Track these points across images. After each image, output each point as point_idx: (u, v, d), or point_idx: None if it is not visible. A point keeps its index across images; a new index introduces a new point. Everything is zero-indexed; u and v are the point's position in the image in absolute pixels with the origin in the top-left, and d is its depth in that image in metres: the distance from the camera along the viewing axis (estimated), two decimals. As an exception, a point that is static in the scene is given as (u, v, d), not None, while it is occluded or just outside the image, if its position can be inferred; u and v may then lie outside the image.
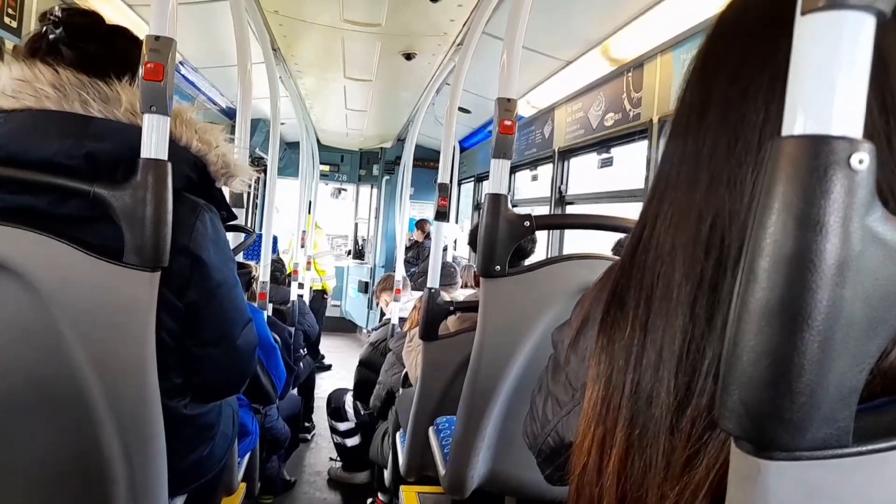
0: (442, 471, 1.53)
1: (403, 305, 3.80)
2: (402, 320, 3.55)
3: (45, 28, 1.03)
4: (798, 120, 0.35)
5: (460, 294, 3.11)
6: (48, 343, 0.92)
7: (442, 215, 2.12)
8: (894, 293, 0.36)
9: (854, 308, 0.35)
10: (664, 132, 2.52)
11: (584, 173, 3.70)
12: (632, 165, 2.98)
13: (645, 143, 2.66)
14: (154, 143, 0.92)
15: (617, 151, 3.14)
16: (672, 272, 0.49)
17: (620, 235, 2.34)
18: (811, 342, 0.35)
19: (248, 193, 6.39)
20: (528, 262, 2.11)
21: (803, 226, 0.35)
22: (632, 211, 2.84)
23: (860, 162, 0.34)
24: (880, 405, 0.41)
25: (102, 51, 1.04)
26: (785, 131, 0.36)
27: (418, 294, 3.41)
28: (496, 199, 1.29)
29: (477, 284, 2.50)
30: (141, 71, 0.93)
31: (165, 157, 0.94)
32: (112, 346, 0.94)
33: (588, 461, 0.52)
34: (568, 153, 3.73)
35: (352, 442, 3.55)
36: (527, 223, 1.30)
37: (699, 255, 0.47)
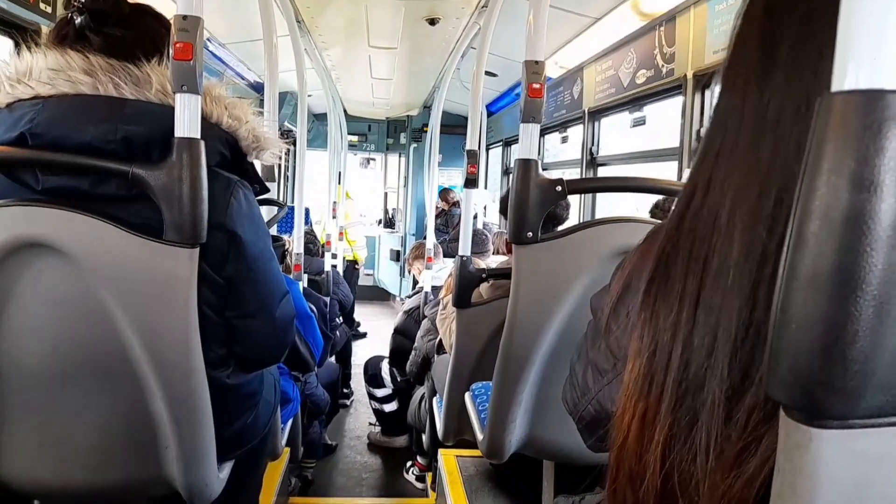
0: (480, 436, 1.56)
1: (436, 274, 3.81)
2: (434, 288, 3.57)
3: (70, 15, 1.04)
4: (849, 73, 0.34)
5: (493, 261, 3.11)
6: (97, 319, 0.96)
7: (471, 182, 2.10)
8: (954, 256, 0.34)
9: (911, 272, 0.33)
10: (702, 87, 2.44)
11: (616, 134, 3.62)
12: (666, 123, 2.89)
13: (679, 99, 2.58)
14: (187, 121, 0.94)
15: (650, 110, 3.06)
16: (729, 247, 0.45)
17: (658, 197, 2.29)
18: (865, 308, 0.33)
19: (280, 166, 6.45)
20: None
21: (856, 187, 0.33)
22: (667, 171, 2.77)
23: (918, 116, 0.32)
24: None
25: (128, 33, 1.05)
26: (835, 86, 0.34)
27: (450, 261, 3.42)
28: (526, 164, 1.27)
29: (509, 251, 2.49)
30: (170, 51, 0.93)
31: (199, 136, 0.95)
32: (157, 321, 0.98)
33: (628, 436, 0.50)
34: (598, 113, 3.64)
35: (389, 408, 3.62)
36: (558, 188, 1.28)
37: (760, 233, 0.43)
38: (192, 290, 0.97)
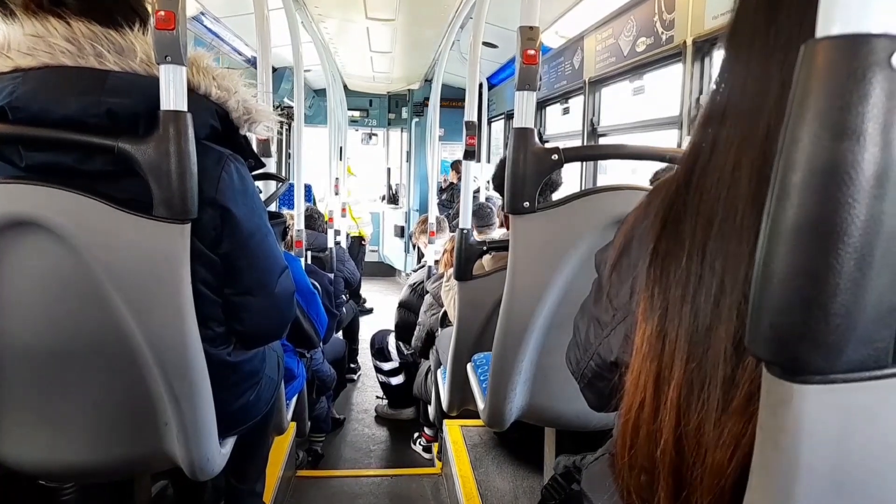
0: (481, 405, 1.57)
1: (439, 248, 3.81)
2: (437, 262, 3.57)
3: None
4: (833, 19, 0.32)
5: (498, 234, 3.10)
6: (90, 296, 0.96)
7: (470, 154, 2.08)
8: (941, 204, 0.33)
9: (894, 222, 0.32)
10: (702, 54, 2.40)
11: (618, 103, 3.57)
12: (666, 92, 2.85)
13: (679, 66, 2.54)
14: (172, 94, 0.92)
15: (650, 78, 3.01)
16: (736, 195, 0.46)
17: (659, 166, 2.27)
18: (847, 260, 0.33)
19: (279, 142, 6.42)
20: (556, 195, 2.07)
21: (839, 135, 0.32)
22: (668, 139, 2.74)
23: (904, 61, 0.31)
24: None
25: None
26: (819, 32, 0.33)
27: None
28: (522, 133, 1.25)
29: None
30: (152, 21, 0.91)
31: (185, 108, 0.93)
32: (150, 297, 0.97)
33: (644, 397, 0.51)
34: (599, 83, 3.59)
35: (396, 381, 3.66)
36: (555, 156, 1.26)
37: (767, 174, 0.44)
38: (184, 267, 0.96)
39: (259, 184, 2.11)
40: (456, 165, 6.52)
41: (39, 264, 0.96)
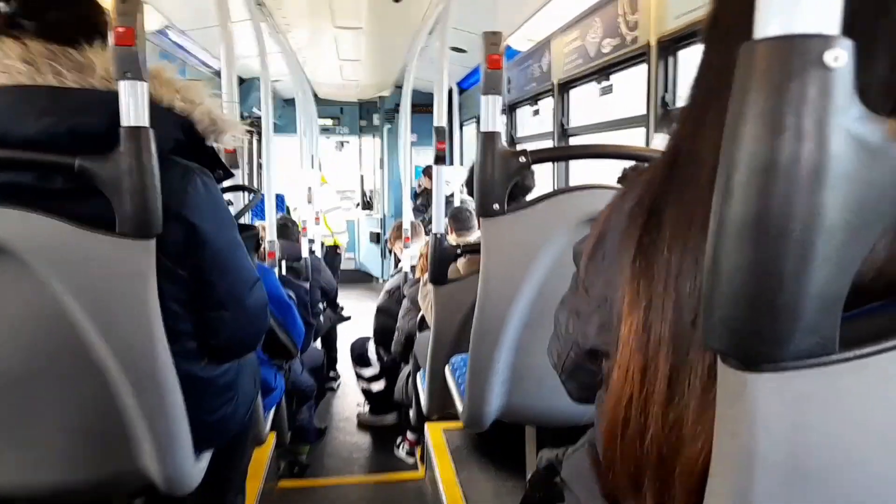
0: (460, 407, 1.57)
1: (415, 252, 3.81)
2: (413, 268, 3.57)
3: None
4: (768, 21, 0.34)
5: (477, 237, 3.11)
6: (56, 317, 0.94)
7: (440, 159, 2.09)
8: (876, 197, 0.35)
9: (834, 215, 0.34)
10: (666, 54, 2.44)
11: (587, 104, 3.61)
12: (633, 91, 2.90)
13: (644, 66, 2.58)
14: (132, 110, 0.91)
15: (617, 79, 3.05)
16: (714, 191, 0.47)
17: (626, 164, 2.30)
18: (789, 253, 0.34)
19: (249, 152, 6.35)
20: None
21: (776, 133, 0.33)
22: (636, 139, 2.78)
23: (835, 59, 0.33)
24: (872, 309, 0.40)
25: (64, 17, 1.00)
26: (757, 34, 0.34)
27: (430, 240, 3.40)
28: (489, 136, 1.26)
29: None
30: (111, 37, 0.90)
31: (146, 124, 0.92)
32: (117, 315, 0.96)
33: (632, 390, 0.51)
34: (567, 85, 3.63)
35: (377, 387, 3.64)
36: (522, 158, 1.27)
37: None
38: (151, 283, 0.95)
39: (229, 196, 2.09)
40: (428, 171, 6.53)
41: (3, 287, 0.94)
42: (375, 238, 7.91)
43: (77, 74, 0.96)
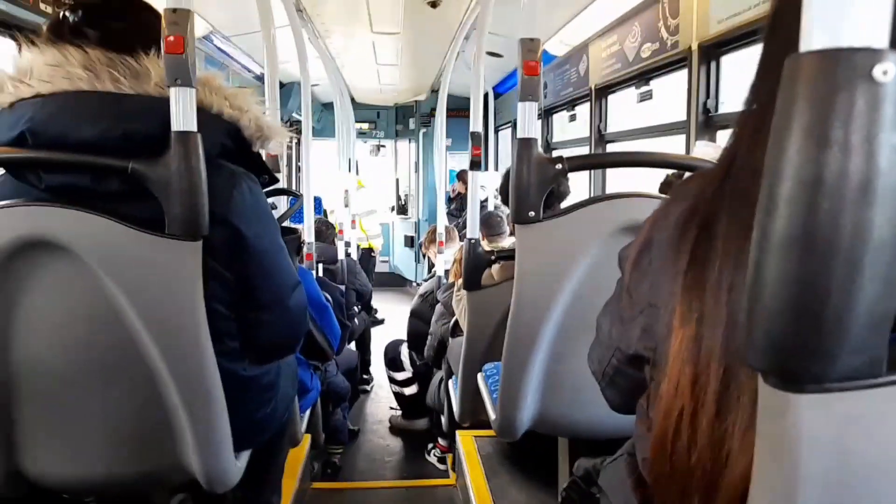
0: (492, 415, 1.57)
1: (449, 257, 3.82)
2: (447, 272, 3.57)
3: (62, 13, 1.05)
4: (815, 34, 0.33)
5: (509, 243, 3.10)
6: (107, 315, 0.98)
7: (476, 164, 2.09)
8: (928, 212, 0.34)
9: (882, 231, 0.33)
10: (709, 58, 2.40)
11: (625, 110, 3.57)
12: (673, 97, 2.85)
13: (685, 72, 2.54)
14: (182, 115, 0.94)
15: (656, 84, 3.01)
16: None
17: (667, 172, 2.26)
18: (836, 269, 0.33)
19: (289, 156, 6.47)
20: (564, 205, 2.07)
21: (823, 147, 0.33)
22: (675, 146, 2.74)
23: (884, 73, 0.32)
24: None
25: (125, 26, 1.05)
26: (802, 47, 0.34)
27: (464, 245, 3.40)
28: (526, 143, 1.26)
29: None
30: (162, 45, 0.93)
31: (194, 129, 0.95)
32: (165, 315, 0.99)
33: (683, 403, 0.51)
34: (605, 90, 3.60)
35: (410, 391, 3.65)
36: (559, 166, 1.27)
37: None
38: (197, 283, 0.98)
39: (272, 199, 2.14)
40: (461, 175, 6.54)
41: (58, 284, 0.99)
42: (409, 242, 7.96)
43: (133, 81, 1.00)
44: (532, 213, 1.25)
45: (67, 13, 1.04)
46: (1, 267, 0.96)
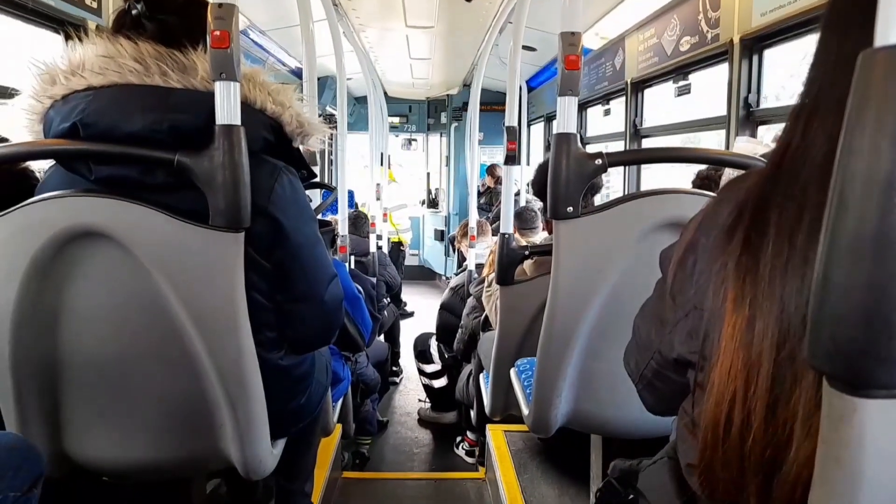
0: (525, 411, 1.56)
1: (480, 251, 3.81)
2: (478, 266, 3.57)
3: (128, 4, 1.08)
4: (892, 29, 0.32)
5: (541, 238, 3.08)
6: (151, 303, 1.00)
7: (511, 159, 2.08)
8: None
9: (959, 233, 0.32)
10: (750, 52, 2.34)
11: (661, 104, 3.51)
12: (711, 92, 2.79)
13: (725, 65, 2.48)
14: (226, 109, 0.95)
15: (695, 78, 2.95)
16: (824, 188, 0.45)
17: (701, 167, 2.22)
18: (910, 272, 0.32)
19: (323, 150, 6.53)
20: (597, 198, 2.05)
21: (899, 146, 0.32)
22: (714, 141, 2.68)
23: (969, 69, 0.31)
24: None
25: (180, 20, 1.08)
26: (878, 41, 0.33)
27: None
28: (564, 138, 1.24)
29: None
30: (208, 39, 0.95)
31: (238, 122, 0.97)
32: (207, 303, 1.01)
33: (735, 389, 0.51)
34: (642, 84, 3.54)
35: (439, 383, 3.67)
36: (598, 161, 1.25)
37: None
38: (239, 274, 1.00)
39: (308, 192, 2.16)
40: (491, 170, 6.51)
41: (105, 272, 1.01)
42: (440, 235, 7.97)
43: (181, 75, 1.02)
44: (570, 209, 1.24)
45: (132, 3, 1.07)
46: (51, 256, 0.99)
